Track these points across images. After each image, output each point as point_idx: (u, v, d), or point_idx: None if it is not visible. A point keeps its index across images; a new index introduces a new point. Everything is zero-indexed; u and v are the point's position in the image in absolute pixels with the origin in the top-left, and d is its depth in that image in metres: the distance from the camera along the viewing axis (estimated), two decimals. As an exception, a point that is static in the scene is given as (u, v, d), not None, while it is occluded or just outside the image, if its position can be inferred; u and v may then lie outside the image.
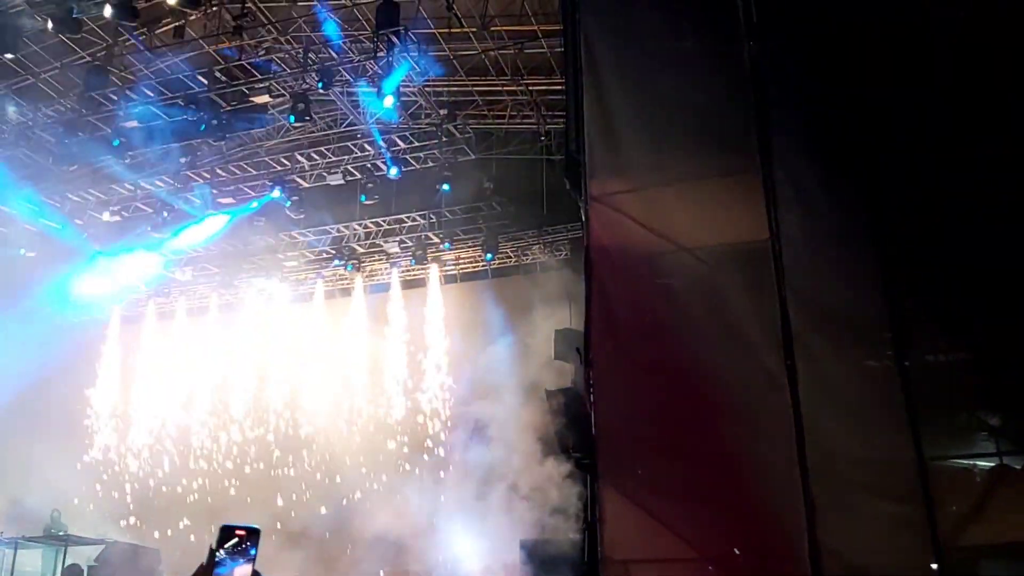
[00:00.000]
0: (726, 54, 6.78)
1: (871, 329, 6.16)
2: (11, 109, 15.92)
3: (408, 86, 15.12)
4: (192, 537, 17.96)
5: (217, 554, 2.84)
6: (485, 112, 17.40)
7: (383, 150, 16.62)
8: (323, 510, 18.24)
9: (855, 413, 5.96)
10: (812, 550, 5.63)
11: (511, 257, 19.31)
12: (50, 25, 12.96)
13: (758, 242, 6.40)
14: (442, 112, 16.41)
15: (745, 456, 6.07)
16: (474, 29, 14.76)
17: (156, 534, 18.36)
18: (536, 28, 14.73)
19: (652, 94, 7.05)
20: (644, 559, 6.28)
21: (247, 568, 2.85)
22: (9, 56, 13.98)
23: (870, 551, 5.70)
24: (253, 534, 2.89)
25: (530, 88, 16.40)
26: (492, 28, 14.75)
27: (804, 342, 6.07)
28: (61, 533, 15.93)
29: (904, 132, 6.43)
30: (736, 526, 6.02)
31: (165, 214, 18.20)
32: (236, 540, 2.88)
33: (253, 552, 2.88)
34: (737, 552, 5.93)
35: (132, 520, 18.92)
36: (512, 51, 15.49)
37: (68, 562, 15.57)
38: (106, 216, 18.58)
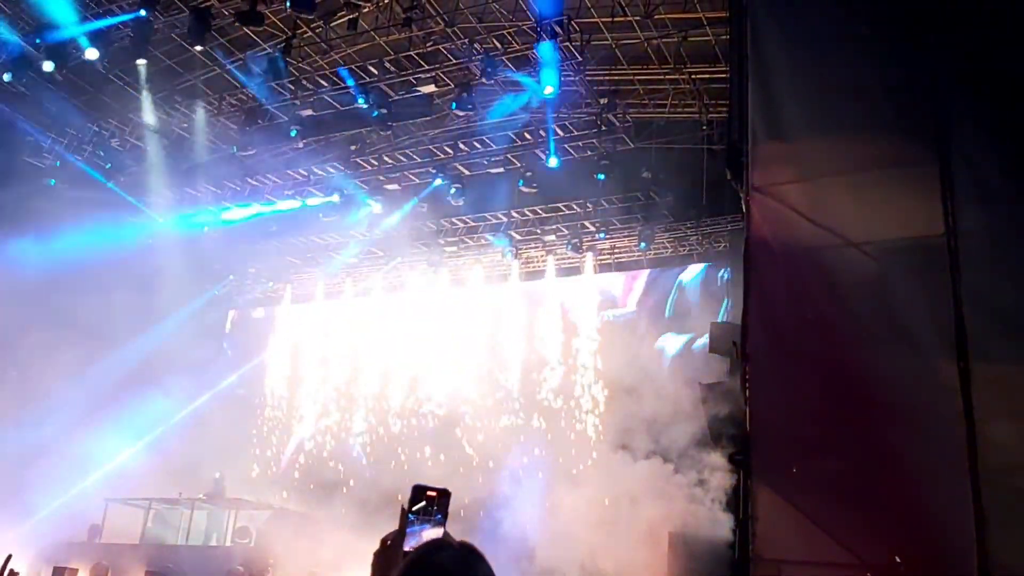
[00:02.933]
0: (902, 39, 6.45)
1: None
2: (198, 100, 17.08)
3: (568, 75, 15.14)
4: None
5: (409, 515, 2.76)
6: (646, 101, 17.18)
7: (549, 138, 16.68)
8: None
9: (1035, 421, 5.57)
10: (981, 564, 5.31)
11: (667, 248, 19.07)
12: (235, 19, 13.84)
13: (932, 237, 6.07)
14: (602, 101, 16.34)
15: (910, 461, 5.78)
16: (638, 17, 14.61)
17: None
18: (701, 15, 14.42)
19: (822, 81, 6.78)
20: (797, 560, 6.09)
21: (437, 531, 2.78)
22: (199, 48, 15.02)
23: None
24: (444, 495, 2.83)
25: (693, 76, 16.08)
26: (656, 16, 14.55)
27: (980, 344, 5.71)
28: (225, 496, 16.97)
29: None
30: (899, 534, 5.74)
31: (336, 198, 19.00)
32: (425, 502, 2.83)
33: (441, 516, 2.82)
34: (899, 561, 5.66)
35: (286, 494, 19.64)
36: (675, 39, 15.23)
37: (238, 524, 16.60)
38: (284, 202, 19.63)
